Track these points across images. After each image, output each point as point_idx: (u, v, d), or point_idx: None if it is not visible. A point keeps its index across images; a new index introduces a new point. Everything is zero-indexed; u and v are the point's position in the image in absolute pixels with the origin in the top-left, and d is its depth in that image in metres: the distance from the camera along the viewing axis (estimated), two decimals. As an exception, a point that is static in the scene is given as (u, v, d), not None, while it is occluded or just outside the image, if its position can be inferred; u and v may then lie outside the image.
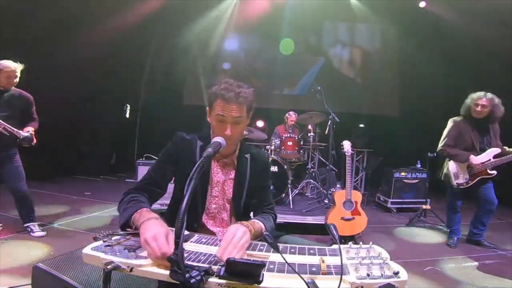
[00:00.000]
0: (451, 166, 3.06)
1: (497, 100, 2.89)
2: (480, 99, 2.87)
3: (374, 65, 7.00)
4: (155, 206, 1.30)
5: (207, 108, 1.33)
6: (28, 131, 2.68)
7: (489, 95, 2.88)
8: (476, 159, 2.89)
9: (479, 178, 2.93)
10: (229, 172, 1.36)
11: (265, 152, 1.49)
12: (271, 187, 3.86)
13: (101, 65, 5.36)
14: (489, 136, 2.98)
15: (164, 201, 1.39)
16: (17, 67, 2.63)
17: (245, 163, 1.36)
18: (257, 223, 1.19)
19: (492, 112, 2.88)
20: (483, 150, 2.94)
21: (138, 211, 1.07)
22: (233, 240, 0.95)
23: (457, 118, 3.07)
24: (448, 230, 3.28)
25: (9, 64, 2.60)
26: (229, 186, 1.35)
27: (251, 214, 1.42)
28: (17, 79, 2.66)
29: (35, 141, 2.72)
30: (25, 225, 2.77)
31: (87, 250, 0.88)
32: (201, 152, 1.30)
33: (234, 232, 0.98)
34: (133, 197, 1.20)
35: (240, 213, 1.36)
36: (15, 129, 2.58)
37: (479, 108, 2.87)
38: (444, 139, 3.07)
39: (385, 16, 6.59)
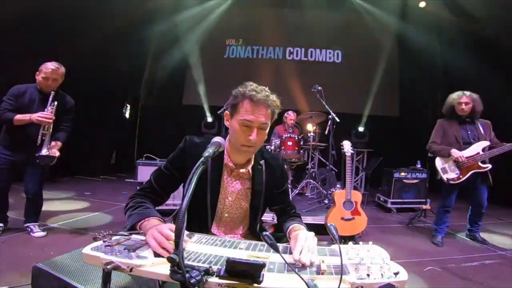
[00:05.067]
0: (437, 162, 3.15)
1: (475, 95, 3.06)
2: (461, 98, 3.06)
3: (374, 65, 7.00)
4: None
5: (226, 111, 1.24)
6: (53, 147, 2.56)
7: (467, 92, 3.07)
8: (457, 152, 2.97)
9: (472, 172, 2.96)
10: (245, 182, 1.31)
11: (279, 156, 1.43)
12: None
13: (101, 65, 5.36)
14: (475, 131, 3.05)
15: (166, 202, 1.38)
16: (55, 70, 2.56)
17: (261, 171, 1.31)
18: (302, 226, 1.22)
19: (474, 107, 3.03)
20: (469, 144, 3.01)
21: (147, 219, 1.07)
22: (307, 243, 0.97)
23: (441, 119, 3.26)
24: (434, 228, 3.30)
25: (48, 65, 2.54)
26: (245, 196, 1.31)
27: (274, 219, 1.42)
28: (56, 82, 2.59)
29: (54, 162, 2.59)
30: (25, 225, 2.77)
31: (87, 250, 0.87)
32: (213, 159, 1.23)
33: (305, 236, 1.00)
34: (140, 203, 1.18)
35: (255, 222, 1.35)
36: (46, 144, 2.48)
37: (463, 106, 3.04)
38: (431, 138, 3.25)
39: (386, 15, 6.59)
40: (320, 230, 3.19)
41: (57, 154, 2.60)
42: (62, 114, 2.69)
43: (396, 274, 0.83)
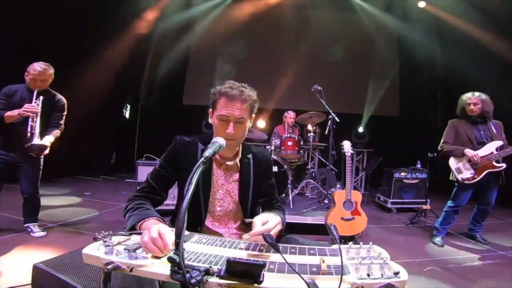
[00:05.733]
0: (451, 162, 3.13)
1: (484, 96, 3.07)
2: (470, 99, 3.08)
3: (374, 65, 6.99)
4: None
5: (210, 109, 1.32)
6: (43, 140, 2.58)
7: (476, 93, 3.09)
8: (471, 151, 2.97)
9: (487, 171, 2.95)
10: (233, 175, 1.36)
11: (266, 151, 1.49)
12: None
13: (101, 64, 5.36)
14: (488, 131, 3.06)
15: (165, 202, 1.39)
16: (42, 72, 2.56)
17: (248, 164, 1.37)
18: (278, 215, 1.23)
19: (483, 107, 3.05)
20: (482, 144, 3.01)
21: (146, 219, 1.09)
22: (268, 223, 1.03)
23: (454, 119, 3.25)
24: (436, 228, 3.28)
25: (36, 67, 2.56)
26: (234, 188, 1.36)
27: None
28: (45, 83, 2.61)
29: (46, 152, 2.61)
30: (25, 225, 2.77)
31: (87, 250, 0.87)
32: (201, 153, 1.31)
33: (267, 217, 1.06)
34: (139, 204, 1.20)
35: (247, 214, 1.37)
36: (36, 134, 2.49)
37: (471, 107, 3.06)
38: (443, 138, 3.24)
39: (385, 15, 6.60)
40: (320, 230, 3.21)
41: (48, 144, 2.60)
42: (53, 112, 2.70)
43: (396, 274, 0.83)
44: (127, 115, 7.37)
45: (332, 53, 6.92)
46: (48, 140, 2.63)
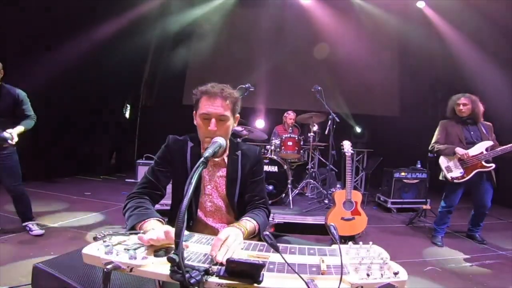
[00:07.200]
0: (441, 160, 3.17)
1: (474, 97, 3.11)
2: (460, 99, 3.12)
3: (374, 65, 6.99)
4: (156, 206, 1.30)
5: (194, 111, 1.33)
6: (10, 132, 2.55)
7: (466, 94, 3.13)
8: (462, 150, 3.00)
9: (476, 171, 2.97)
10: (221, 170, 1.37)
11: (255, 147, 1.47)
12: (271, 187, 3.81)
13: (101, 65, 5.36)
14: (478, 132, 3.09)
15: (164, 201, 1.39)
16: None
17: (236, 160, 1.38)
18: (250, 222, 1.19)
19: (473, 108, 3.08)
20: (472, 144, 3.03)
21: (146, 220, 1.09)
22: (227, 241, 0.95)
23: (444, 120, 3.29)
24: (434, 228, 3.30)
25: None
26: (222, 184, 1.37)
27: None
28: None
29: (14, 142, 2.55)
30: (24, 224, 2.77)
31: (87, 250, 0.87)
32: (191, 152, 1.33)
33: (227, 234, 0.98)
34: (139, 203, 1.20)
35: (236, 209, 1.38)
36: None
37: (461, 107, 3.10)
38: (434, 138, 3.28)
39: (385, 15, 6.59)
40: (320, 230, 3.21)
41: (7, 135, 2.54)
42: (16, 107, 2.66)
43: (396, 274, 0.83)
44: (127, 115, 7.36)
45: (332, 53, 6.92)
46: (18, 130, 2.59)
